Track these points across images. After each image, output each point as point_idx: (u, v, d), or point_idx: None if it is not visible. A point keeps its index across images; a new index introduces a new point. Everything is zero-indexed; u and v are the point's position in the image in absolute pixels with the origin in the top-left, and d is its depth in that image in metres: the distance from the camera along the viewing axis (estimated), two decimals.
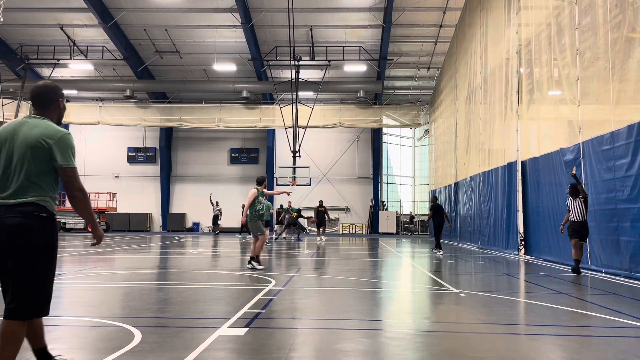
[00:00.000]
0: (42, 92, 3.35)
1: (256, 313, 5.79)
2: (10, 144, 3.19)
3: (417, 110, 32.46)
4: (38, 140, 3.16)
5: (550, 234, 13.13)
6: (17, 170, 3.15)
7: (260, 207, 10.96)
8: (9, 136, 3.21)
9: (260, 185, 11.09)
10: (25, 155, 3.15)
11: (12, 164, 3.16)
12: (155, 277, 9.52)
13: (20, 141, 3.17)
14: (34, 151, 3.15)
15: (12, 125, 3.25)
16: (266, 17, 25.77)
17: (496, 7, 17.59)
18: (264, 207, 11.15)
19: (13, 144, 3.19)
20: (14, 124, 3.26)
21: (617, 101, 9.79)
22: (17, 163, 3.15)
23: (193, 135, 35.12)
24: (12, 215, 3.08)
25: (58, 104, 3.42)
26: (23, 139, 3.17)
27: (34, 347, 3.39)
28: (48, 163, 3.18)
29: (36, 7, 25.35)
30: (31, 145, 3.15)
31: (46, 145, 3.16)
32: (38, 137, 3.17)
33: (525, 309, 6.56)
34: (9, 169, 3.16)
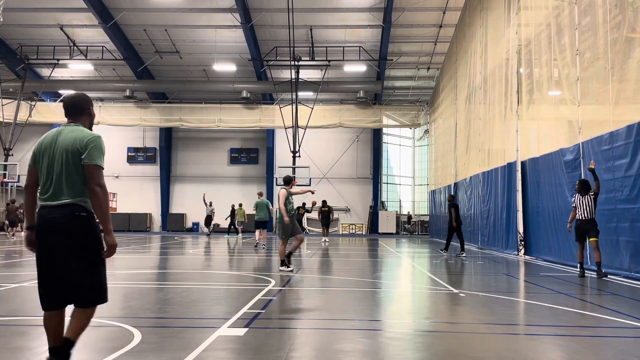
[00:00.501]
0: (75, 102, 3.66)
1: (256, 313, 5.79)
2: (50, 150, 3.49)
3: (416, 110, 32.47)
4: (73, 145, 3.45)
5: (550, 234, 13.13)
6: (58, 174, 3.43)
7: (290, 207, 10.58)
8: (49, 144, 3.51)
9: (288, 185, 10.80)
10: (63, 160, 3.43)
11: (53, 169, 3.45)
12: (155, 277, 9.52)
13: (59, 147, 3.46)
14: (71, 155, 3.43)
15: (51, 134, 3.56)
16: (266, 17, 25.77)
17: (496, 7, 17.59)
18: (293, 207, 10.77)
19: (53, 150, 3.48)
20: (53, 133, 3.56)
21: (616, 101, 9.79)
22: (57, 167, 3.44)
23: (193, 135, 35.13)
24: (56, 216, 3.36)
25: (89, 112, 3.73)
26: (61, 145, 3.47)
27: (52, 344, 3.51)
28: (78, 164, 3.44)
29: (36, 7, 25.34)
30: (68, 149, 3.44)
31: (80, 148, 3.44)
32: (73, 141, 3.46)
33: (525, 309, 6.57)
34: (51, 173, 3.45)
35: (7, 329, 4.98)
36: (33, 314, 5.80)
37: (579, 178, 11.42)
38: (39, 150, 3.55)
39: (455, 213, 15.15)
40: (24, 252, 15.02)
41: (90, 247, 3.42)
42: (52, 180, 3.44)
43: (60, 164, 3.43)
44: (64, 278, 3.39)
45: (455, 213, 15.15)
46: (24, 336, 4.72)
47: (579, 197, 9.76)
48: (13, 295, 7.07)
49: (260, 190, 33.49)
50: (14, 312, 5.84)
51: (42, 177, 3.50)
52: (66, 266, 3.37)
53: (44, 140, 3.57)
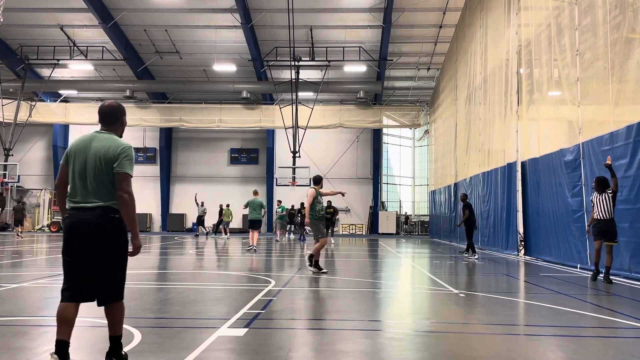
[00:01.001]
0: (110, 110, 3.88)
1: (256, 313, 5.79)
2: (83, 154, 3.70)
3: (417, 110, 32.47)
4: (107, 153, 3.68)
5: (550, 235, 13.13)
6: (91, 177, 3.65)
7: (320, 208, 10.36)
8: (82, 148, 3.73)
9: (317, 185, 10.54)
10: (97, 165, 3.66)
11: (86, 172, 3.67)
12: (155, 277, 9.52)
13: (93, 153, 3.68)
14: (104, 162, 3.66)
15: (85, 138, 3.78)
16: (266, 18, 25.78)
17: (496, 8, 17.60)
18: (323, 207, 10.57)
19: (86, 155, 3.69)
20: (87, 138, 3.78)
21: (616, 102, 9.80)
22: (90, 171, 3.66)
23: (193, 135, 35.13)
24: (90, 217, 3.59)
25: (122, 120, 3.95)
26: (95, 151, 3.69)
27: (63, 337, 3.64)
28: (110, 171, 3.68)
29: (36, 8, 25.35)
30: (101, 156, 3.66)
31: (113, 156, 3.67)
32: (108, 149, 3.69)
33: (525, 310, 6.57)
34: (84, 176, 3.67)
35: (8, 329, 4.98)
36: (33, 314, 5.81)
37: (579, 178, 11.44)
38: (71, 152, 3.76)
39: (469, 213, 14.58)
40: (25, 252, 15.02)
41: (119, 248, 3.67)
42: (84, 183, 3.66)
43: (93, 169, 3.65)
44: (91, 275, 3.60)
45: (469, 213, 14.58)
46: (25, 336, 4.72)
47: (597, 196, 9.13)
48: (13, 295, 7.07)
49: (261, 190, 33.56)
50: (14, 312, 5.84)
51: (73, 179, 3.71)
52: (96, 264, 3.59)
53: (78, 143, 3.77)
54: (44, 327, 5.09)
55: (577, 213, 11.52)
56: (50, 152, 34.87)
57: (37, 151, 35.25)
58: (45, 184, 34.77)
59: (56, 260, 12.59)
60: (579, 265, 11.34)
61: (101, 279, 3.61)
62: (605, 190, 9.00)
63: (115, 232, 3.65)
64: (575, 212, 11.58)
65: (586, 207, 11.08)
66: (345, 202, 34.39)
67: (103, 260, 3.60)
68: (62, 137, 35.01)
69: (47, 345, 4.41)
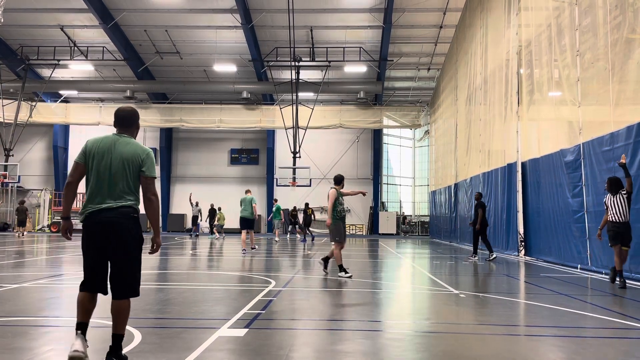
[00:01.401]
0: (127, 115, 4.07)
1: (256, 314, 5.79)
2: (107, 156, 3.87)
3: (417, 111, 32.48)
4: (133, 155, 3.89)
5: (551, 235, 13.13)
6: (117, 179, 3.84)
7: (341, 209, 9.94)
8: (105, 150, 3.89)
9: (338, 185, 10.07)
10: (123, 167, 3.86)
11: (112, 174, 3.84)
12: (155, 277, 9.52)
13: (118, 155, 3.87)
14: (131, 164, 3.87)
15: (107, 141, 3.94)
16: (266, 18, 25.79)
17: (496, 8, 17.59)
18: (344, 208, 10.11)
19: (110, 156, 3.87)
20: (108, 140, 3.95)
21: (616, 102, 9.79)
22: (116, 173, 3.84)
23: (193, 135, 35.14)
24: (115, 216, 3.79)
25: (138, 124, 4.18)
26: (119, 154, 3.88)
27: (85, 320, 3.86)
28: (138, 173, 3.91)
29: (36, 8, 25.36)
30: (127, 159, 3.87)
31: (139, 159, 3.90)
32: (133, 152, 3.91)
33: (525, 310, 6.57)
34: (110, 177, 3.84)
35: (9, 329, 4.99)
36: (34, 314, 5.81)
37: (579, 178, 11.44)
38: (91, 152, 3.90)
39: (482, 214, 13.85)
40: (26, 252, 15.02)
41: (138, 245, 3.90)
42: (109, 183, 3.84)
43: (122, 170, 3.85)
44: (112, 269, 3.82)
45: (482, 214, 13.85)
46: (25, 337, 4.72)
47: (610, 197, 8.58)
48: (14, 295, 7.07)
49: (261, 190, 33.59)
50: (15, 312, 5.84)
51: (95, 179, 3.85)
52: (113, 262, 3.81)
53: (99, 144, 3.92)
54: (45, 327, 5.09)
55: (577, 213, 11.51)
56: (51, 153, 34.88)
57: (37, 151, 35.26)
58: (45, 184, 34.78)
59: (57, 260, 12.60)
60: (580, 266, 11.34)
61: (123, 273, 3.81)
62: (619, 191, 8.48)
63: (135, 230, 3.87)
64: (576, 212, 11.58)
65: (586, 208, 11.07)
66: (346, 203, 34.33)
67: (125, 255, 3.81)
68: (63, 138, 35.02)
69: (48, 345, 4.41)
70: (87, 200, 3.86)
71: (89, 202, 3.84)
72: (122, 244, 3.79)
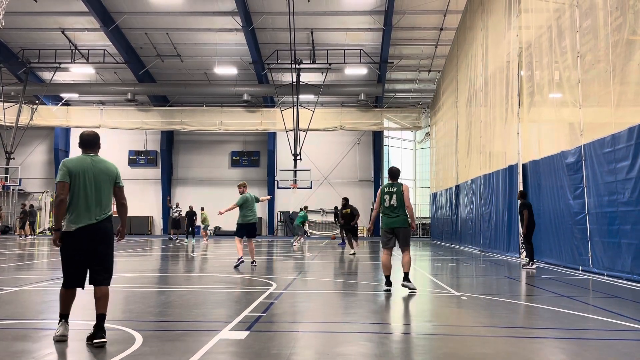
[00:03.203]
0: (92, 138, 4.85)
1: (257, 316, 5.78)
2: (90, 174, 4.66)
3: (418, 113, 32.46)
4: (109, 171, 4.78)
5: (552, 237, 13.11)
6: (101, 192, 4.70)
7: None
8: (87, 169, 4.66)
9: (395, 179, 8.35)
10: (104, 182, 4.72)
11: (97, 188, 4.67)
12: (156, 280, 9.52)
13: (98, 173, 4.70)
14: (109, 180, 4.77)
15: (84, 161, 4.69)
16: (267, 21, 25.81)
17: (497, 10, 17.60)
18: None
19: (92, 174, 4.67)
20: (86, 160, 4.70)
21: (617, 104, 9.78)
22: (100, 187, 4.69)
23: (194, 138, 35.14)
24: (104, 226, 4.69)
25: (100, 144, 4.93)
26: (99, 171, 4.71)
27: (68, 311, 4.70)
28: (112, 186, 4.82)
29: (37, 11, 25.39)
30: (106, 174, 4.75)
31: (113, 173, 4.82)
32: (107, 168, 4.79)
33: (527, 312, 6.55)
34: (95, 191, 4.66)
35: (8, 332, 4.98)
36: (34, 317, 5.80)
37: (580, 180, 11.42)
38: (75, 171, 4.62)
39: (527, 215, 12.26)
40: (26, 255, 15.03)
41: (112, 243, 4.80)
42: (95, 197, 4.65)
43: (103, 183, 4.71)
44: (93, 265, 4.62)
45: (527, 215, 12.26)
46: (25, 340, 4.72)
47: None
48: (14, 298, 7.07)
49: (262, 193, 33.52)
50: (15, 315, 5.84)
51: (84, 195, 4.60)
52: (98, 257, 4.63)
53: (80, 164, 4.66)
54: (45, 330, 5.09)
55: (578, 215, 11.49)
56: (52, 156, 34.90)
57: (38, 154, 35.29)
58: (46, 187, 34.79)
59: (57, 263, 12.60)
60: (581, 268, 11.32)
61: (106, 266, 4.69)
62: None
63: (112, 232, 4.82)
64: (577, 214, 11.56)
65: (588, 210, 11.06)
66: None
67: (108, 253, 4.70)
68: (64, 141, 35.05)
69: (48, 349, 4.41)
70: (76, 214, 4.56)
71: (79, 216, 4.56)
72: (106, 244, 4.66)
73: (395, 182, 8.18)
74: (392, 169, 8.40)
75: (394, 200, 8.01)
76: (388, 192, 8.08)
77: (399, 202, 7.99)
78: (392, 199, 8.01)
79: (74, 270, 4.57)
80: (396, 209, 8.01)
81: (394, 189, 8.05)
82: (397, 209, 8.00)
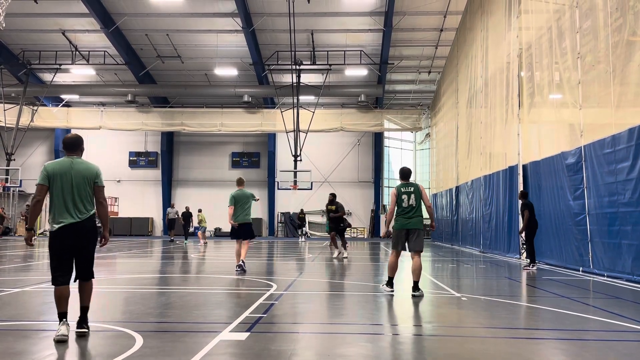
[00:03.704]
0: (74, 141, 5.00)
1: (257, 317, 5.78)
2: (68, 175, 4.84)
3: (418, 114, 32.47)
4: (89, 171, 4.93)
5: (552, 238, 13.10)
6: (80, 192, 4.86)
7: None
8: (66, 171, 4.84)
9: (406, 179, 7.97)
10: (84, 183, 4.88)
11: (76, 189, 4.83)
12: (156, 281, 9.52)
13: (76, 174, 4.86)
14: (89, 180, 4.91)
15: (65, 164, 4.87)
16: (267, 22, 25.83)
17: (497, 11, 17.61)
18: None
19: (71, 176, 4.84)
20: (66, 163, 4.88)
21: (618, 104, 9.78)
22: (79, 188, 4.85)
23: (194, 139, 35.16)
24: (87, 225, 4.87)
25: (83, 147, 5.10)
26: (78, 172, 4.87)
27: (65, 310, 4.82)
28: (93, 184, 4.94)
29: (38, 13, 25.42)
30: (85, 175, 4.90)
31: (93, 174, 4.95)
32: (88, 169, 4.94)
33: (527, 313, 6.55)
34: (75, 192, 4.83)
35: (9, 333, 4.99)
36: (35, 318, 5.80)
37: (581, 181, 11.41)
38: (54, 174, 4.81)
39: (528, 215, 11.97)
40: (26, 256, 15.03)
41: (95, 241, 5.02)
42: (73, 198, 4.82)
43: (82, 184, 4.86)
44: (79, 262, 4.87)
45: (528, 215, 11.97)
46: (26, 341, 4.72)
47: None
48: (15, 299, 7.08)
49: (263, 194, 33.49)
50: (16, 316, 5.84)
51: (65, 196, 4.80)
52: (82, 255, 4.87)
53: (59, 167, 4.84)
54: (45, 331, 5.09)
55: (579, 216, 11.49)
56: (52, 157, 34.90)
57: (39, 156, 35.30)
58: None
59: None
60: (581, 269, 11.31)
61: (89, 263, 4.94)
62: None
63: (96, 232, 5.00)
64: (577, 215, 11.55)
65: (588, 211, 11.05)
66: (347, 206, 34.33)
67: (91, 250, 4.94)
68: None
69: (49, 350, 4.41)
70: (56, 214, 4.80)
71: (59, 215, 4.78)
72: (89, 242, 4.89)
73: (410, 182, 7.87)
74: (405, 169, 8.06)
75: (413, 200, 7.67)
76: (406, 192, 7.70)
77: (417, 202, 7.70)
78: (411, 198, 7.67)
79: (60, 267, 4.78)
80: (414, 210, 7.69)
81: (411, 189, 7.73)
82: (415, 209, 7.69)
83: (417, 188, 7.75)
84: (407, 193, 7.69)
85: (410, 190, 7.71)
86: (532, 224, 12.09)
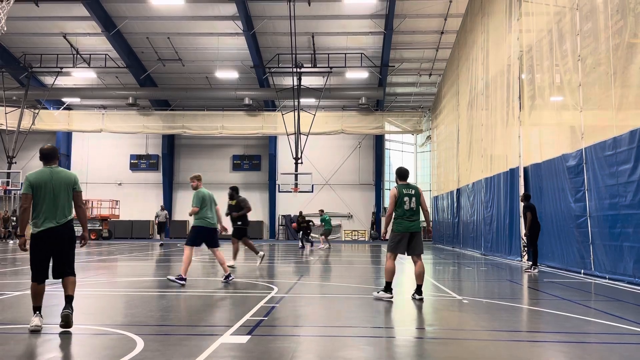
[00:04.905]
0: (51, 152, 5.50)
1: (258, 320, 5.78)
2: (50, 184, 5.32)
3: (419, 116, 32.47)
4: (68, 178, 5.45)
5: (553, 240, 13.09)
6: (61, 198, 5.35)
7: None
8: (48, 180, 5.31)
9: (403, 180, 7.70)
10: (63, 190, 5.37)
11: (59, 197, 5.34)
12: (157, 284, 9.51)
13: (57, 182, 5.35)
14: (67, 187, 5.41)
15: (46, 173, 5.35)
16: (268, 25, 25.87)
17: (497, 13, 17.63)
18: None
19: (52, 184, 5.32)
20: (46, 173, 5.36)
21: (619, 107, 9.78)
22: (60, 195, 5.34)
23: (195, 142, 35.18)
24: (66, 228, 5.39)
25: (58, 157, 5.64)
26: (59, 180, 5.37)
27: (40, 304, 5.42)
28: (72, 190, 5.45)
29: (39, 16, 25.48)
30: (65, 182, 5.41)
31: (72, 182, 5.45)
32: (67, 176, 5.46)
33: (528, 316, 6.54)
34: (56, 199, 5.31)
35: (10, 336, 4.98)
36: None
37: (582, 183, 11.40)
38: (37, 184, 5.28)
39: (530, 217, 11.84)
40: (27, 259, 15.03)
41: (74, 242, 5.54)
42: (56, 205, 5.31)
43: (63, 191, 5.37)
44: (59, 262, 5.39)
45: (530, 217, 11.84)
46: (27, 343, 4.72)
47: None
48: (16, 302, 7.08)
49: (263, 196, 33.42)
50: (17, 319, 5.85)
51: (46, 203, 5.27)
52: (63, 256, 5.40)
53: (40, 177, 5.31)
54: (47, 334, 5.09)
55: (580, 218, 11.48)
56: None
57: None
58: None
59: None
60: (583, 271, 11.29)
61: (70, 262, 5.47)
62: None
63: (74, 235, 5.51)
64: (579, 217, 11.54)
65: (589, 213, 11.04)
66: (348, 208, 34.35)
67: (71, 251, 5.46)
68: (65, 145, 35.10)
69: (50, 353, 4.41)
70: (38, 219, 5.25)
71: (40, 220, 5.24)
72: (69, 243, 5.42)
73: (410, 184, 7.62)
74: (404, 169, 7.69)
75: (414, 203, 7.40)
76: (407, 194, 7.41)
77: (417, 205, 7.46)
78: (412, 201, 7.39)
79: (40, 267, 5.30)
80: (415, 212, 7.45)
81: (412, 191, 7.47)
82: (416, 212, 7.45)
83: (417, 191, 7.56)
84: (408, 195, 7.44)
85: (412, 192, 7.49)
86: (534, 225, 11.99)
